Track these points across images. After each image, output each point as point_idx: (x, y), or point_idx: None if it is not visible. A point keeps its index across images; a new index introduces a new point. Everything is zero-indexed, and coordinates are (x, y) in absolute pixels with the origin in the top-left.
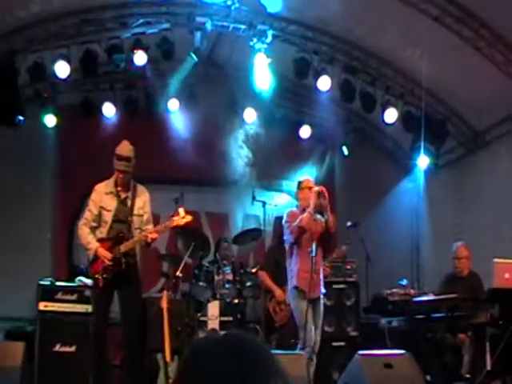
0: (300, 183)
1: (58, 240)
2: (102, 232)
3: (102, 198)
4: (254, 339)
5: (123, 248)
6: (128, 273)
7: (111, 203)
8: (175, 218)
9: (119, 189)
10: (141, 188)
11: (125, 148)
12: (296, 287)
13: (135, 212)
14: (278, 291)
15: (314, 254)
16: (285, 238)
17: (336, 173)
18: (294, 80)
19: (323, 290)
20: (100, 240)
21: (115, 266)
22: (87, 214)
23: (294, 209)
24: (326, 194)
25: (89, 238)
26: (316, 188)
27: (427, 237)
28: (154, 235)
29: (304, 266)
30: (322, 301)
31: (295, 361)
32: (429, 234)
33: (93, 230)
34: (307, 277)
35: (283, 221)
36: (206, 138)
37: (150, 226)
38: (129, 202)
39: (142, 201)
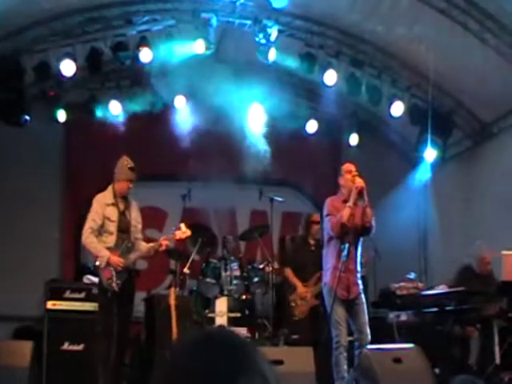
0: (341, 169)
1: (65, 239)
2: (107, 242)
3: (106, 208)
4: (234, 335)
5: (133, 257)
6: (133, 278)
7: (114, 214)
8: (177, 232)
9: (118, 199)
10: (132, 200)
11: (130, 161)
12: (326, 283)
13: (133, 223)
14: (300, 287)
15: (345, 253)
16: (325, 227)
17: None
18: (300, 74)
19: (361, 286)
20: (108, 249)
21: (126, 273)
22: (92, 224)
23: (335, 196)
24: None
25: (99, 247)
26: (357, 183)
27: (434, 230)
28: (167, 242)
29: (338, 263)
30: (360, 301)
31: (303, 356)
32: (436, 227)
33: (97, 238)
34: (338, 276)
35: (324, 210)
36: (213, 135)
37: (140, 235)
38: (127, 214)
39: (136, 211)
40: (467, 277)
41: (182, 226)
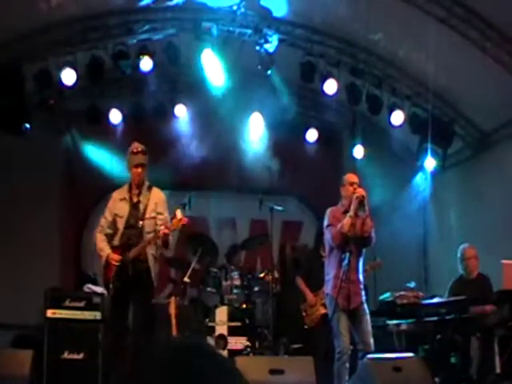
0: (343, 179)
1: (65, 247)
2: (115, 240)
3: (117, 204)
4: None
5: (132, 254)
6: (139, 278)
7: (124, 209)
8: (174, 221)
9: (133, 192)
10: (155, 190)
11: (138, 144)
12: (328, 294)
13: (147, 215)
14: (309, 295)
15: (346, 263)
16: (326, 238)
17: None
18: (300, 84)
19: (364, 296)
20: (113, 248)
21: (123, 273)
22: (102, 221)
23: (336, 207)
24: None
25: (102, 245)
26: (357, 193)
27: (435, 239)
28: (166, 230)
29: (339, 273)
30: (363, 312)
31: (303, 366)
32: (436, 236)
33: (108, 237)
34: (338, 285)
35: (324, 221)
36: (213, 143)
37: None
38: (141, 206)
39: (154, 202)
40: (459, 286)
41: (178, 212)
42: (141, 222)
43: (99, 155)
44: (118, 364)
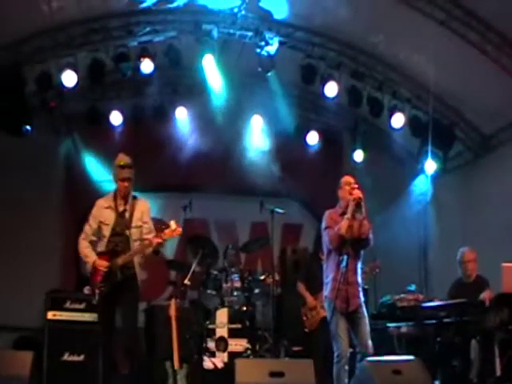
0: (340, 181)
1: (66, 249)
2: (101, 246)
3: (102, 212)
4: None
5: (120, 261)
6: (126, 284)
7: (110, 217)
8: (167, 231)
9: (118, 202)
10: (140, 199)
11: (124, 157)
12: (326, 296)
13: (133, 224)
14: (309, 298)
15: (343, 265)
16: (323, 240)
17: None
18: (301, 86)
19: (362, 298)
20: (99, 254)
21: (111, 278)
22: (86, 228)
23: (333, 209)
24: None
25: (86, 252)
26: (354, 195)
27: (435, 241)
28: (159, 240)
29: (337, 275)
30: (361, 314)
31: (303, 368)
32: (437, 239)
33: (93, 243)
34: (336, 288)
35: (322, 223)
36: (214, 146)
37: (149, 236)
38: (127, 215)
39: (140, 211)
40: (458, 289)
41: (172, 223)
42: (128, 231)
43: (99, 157)
44: (118, 365)
